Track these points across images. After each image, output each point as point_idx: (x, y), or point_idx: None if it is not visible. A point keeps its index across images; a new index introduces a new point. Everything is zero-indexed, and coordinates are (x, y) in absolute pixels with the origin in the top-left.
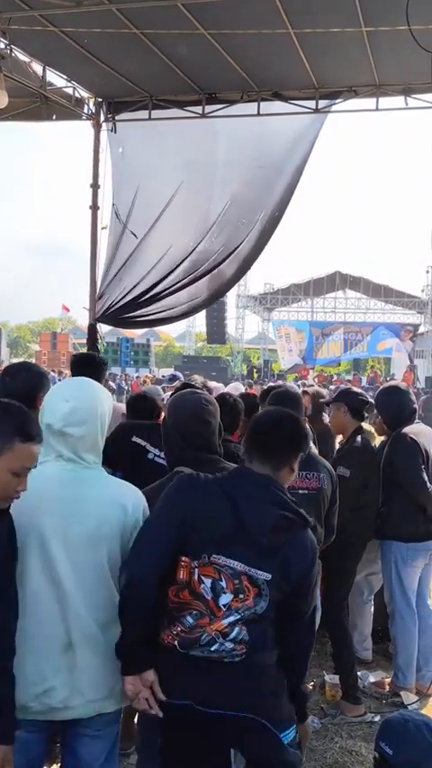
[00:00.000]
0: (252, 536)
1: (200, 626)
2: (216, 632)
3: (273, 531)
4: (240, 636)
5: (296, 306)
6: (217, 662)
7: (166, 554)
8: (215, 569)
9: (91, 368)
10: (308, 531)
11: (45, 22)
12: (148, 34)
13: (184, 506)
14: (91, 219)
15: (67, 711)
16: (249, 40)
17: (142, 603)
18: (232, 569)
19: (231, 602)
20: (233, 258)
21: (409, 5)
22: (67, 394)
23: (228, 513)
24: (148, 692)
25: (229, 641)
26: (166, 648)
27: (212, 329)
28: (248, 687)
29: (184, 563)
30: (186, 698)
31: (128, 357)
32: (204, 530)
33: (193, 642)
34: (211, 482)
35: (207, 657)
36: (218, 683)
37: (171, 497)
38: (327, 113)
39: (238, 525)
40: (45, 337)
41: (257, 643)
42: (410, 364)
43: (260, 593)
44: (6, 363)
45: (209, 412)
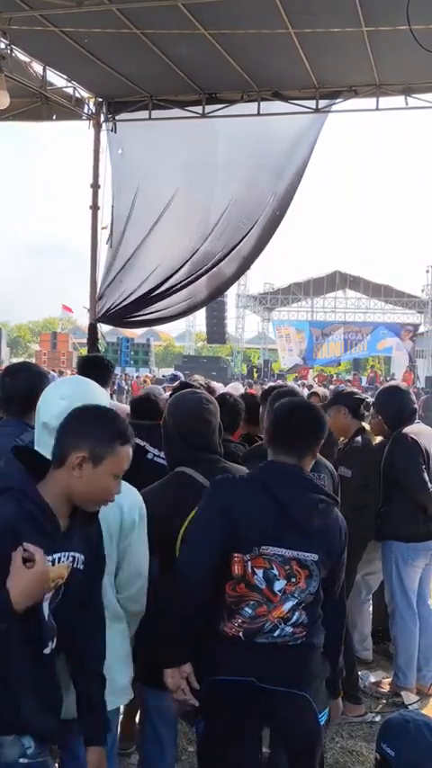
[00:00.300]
0: (295, 522)
1: (259, 615)
2: (278, 619)
3: (313, 514)
4: (300, 620)
5: (296, 305)
6: (280, 645)
7: (216, 555)
8: (265, 559)
9: (98, 369)
10: (337, 509)
11: (45, 22)
12: (149, 34)
13: (227, 507)
14: (91, 219)
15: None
16: (249, 40)
17: (194, 603)
18: (281, 556)
19: (285, 587)
20: (233, 257)
21: (409, 5)
22: (63, 392)
23: (269, 505)
24: (185, 683)
25: (290, 626)
26: (230, 638)
27: (212, 329)
28: (304, 668)
29: (237, 558)
30: (248, 675)
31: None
32: (250, 525)
33: (257, 631)
34: (245, 480)
35: (272, 643)
36: (279, 664)
37: (212, 502)
38: (327, 113)
39: (280, 515)
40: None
41: (314, 626)
42: (410, 364)
43: (310, 573)
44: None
45: (209, 411)
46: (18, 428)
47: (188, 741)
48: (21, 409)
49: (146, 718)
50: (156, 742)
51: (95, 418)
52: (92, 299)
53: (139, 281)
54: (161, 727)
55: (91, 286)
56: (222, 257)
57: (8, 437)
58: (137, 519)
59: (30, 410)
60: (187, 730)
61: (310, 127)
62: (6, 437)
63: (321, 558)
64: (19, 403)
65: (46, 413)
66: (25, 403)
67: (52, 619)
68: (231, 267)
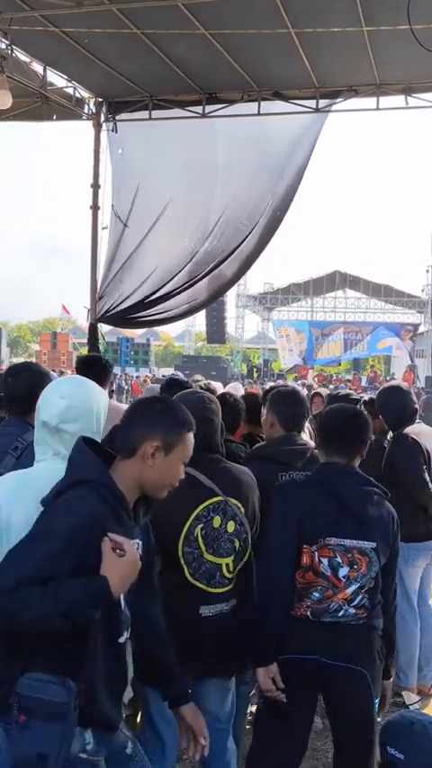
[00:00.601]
0: (354, 515)
1: (326, 598)
2: (343, 600)
3: (368, 506)
4: (362, 602)
5: (296, 305)
6: (344, 624)
7: (292, 552)
8: (329, 549)
9: (96, 369)
10: (388, 501)
11: (46, 23)
12: (149, 34)
13: (294, 508)
14: (91, 219)
15: None
16: (250, 40)
17: (286, 600)
18: (344, 546)
19: (349, 573)
20: (234, 258)
21: (410, 5)
22: (63, 391)
23: (329, 501)
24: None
25: (353, 607)
26: (298, 618)
27: (212, 329)
28: (365, 647)
29: (306, 550)
30: (314, 653)
31: (128, 357)
32: (314, 520)
33: (324, 611)
34: (307, 481)
35: (336, 622)
36: (341, 641)
37: (280, 505)
38: (327, 113)
39: (340, 509)
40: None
41: (374, 610)
42: (411, 364)
43: (370, 560)
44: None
45: (211, 411)
46: (20, 428)
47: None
48: (23, 409)
49: (146, 719)
50: (157, 742)
51: (164, 409)
52: (92, 299)
53: (139, 282)
54: (163, 728)
55: (91, 286)
56: (223, 259)
57: (10, 437)
58: None
59: (32, 410)
60: None
61: (311, 127)
62: (8, 437)
63: (379, 545)
64: (21, 403)
65: (46, 412)
66: (27, 403)
67: (127, 608)
68: (232, 268)
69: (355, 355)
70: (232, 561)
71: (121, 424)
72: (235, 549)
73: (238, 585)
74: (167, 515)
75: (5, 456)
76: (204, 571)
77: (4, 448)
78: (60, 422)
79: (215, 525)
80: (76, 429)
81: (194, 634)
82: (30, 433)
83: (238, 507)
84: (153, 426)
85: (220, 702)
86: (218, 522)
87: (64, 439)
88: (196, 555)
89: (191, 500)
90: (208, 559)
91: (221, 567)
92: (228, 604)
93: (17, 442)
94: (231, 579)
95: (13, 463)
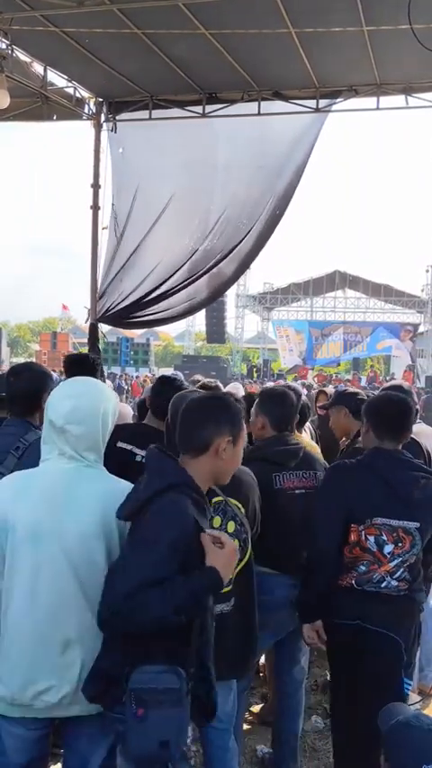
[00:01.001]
0: (399, 497)
1: (371, 570)
2: (385, 572)
3: (414, 488)
4: (404, 575)
5: (296, 305)
6: (385, 594)
7: (340, 528)
8: (376, 528)
9: (84, 368)
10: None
11: (46, 23)
12: (149, 34)
13: (342, 490)
14: (92, 219)
15: (69, 708)
16: (250, 40)
17: (329, 569)
18: (389, 525)
19: (393, 550)
20: (233, 257)
21: (410, 4)
22: (71, 391)
23: (377, 484)
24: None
25: (395, 580)
26: (344, 588)
27: (212, 329)
28: (404, 617)
29: (354, 528)
30: (356, 619)
31: (127, 357)
32: (362, 501)
33: (368, 580)
34: (356, 465)
35: (377, 591)
36: (382, 609)
37: (330, 487)
38: (327, 113)
39: (387, 491)
40: (45, 337)
41: (415, 583)
42: (410, 363)
43: (414, 538)
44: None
45: None
46: (22, 428)
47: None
48: (24, 409)
49: None
50: None
51: (225, 406)
52: (92, 299)
53: (139, 281)
54: None
55: (91, 286)
56: (222, 257)
57: (12, 437)
58: None
59: (33, 410)
60: None
61: (310, 126)
62: (10, 437)
63: (422, 525)
64: (22, 403)
65: (53, 411)
66: (28, 403)
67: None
68: (231, 267)
69: (354, 355)
70: None
71: (183, 426)
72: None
73: (239, 586)
74: None
75: (7, 456)
76: None
77: (6, 448)
78: (66, 422)
79: (215, 525)
80: (80, 431)
81: None
82: (31, 433)
83: (239, 507)
84: (221, 424)
85: (222, 702)
86: (218, 522)
87: (68, 439)
88: None
89: None
90: None
91: None
92: (228, 604)
93: (19, 442)
94: (232, 579)
95: (15, 463)
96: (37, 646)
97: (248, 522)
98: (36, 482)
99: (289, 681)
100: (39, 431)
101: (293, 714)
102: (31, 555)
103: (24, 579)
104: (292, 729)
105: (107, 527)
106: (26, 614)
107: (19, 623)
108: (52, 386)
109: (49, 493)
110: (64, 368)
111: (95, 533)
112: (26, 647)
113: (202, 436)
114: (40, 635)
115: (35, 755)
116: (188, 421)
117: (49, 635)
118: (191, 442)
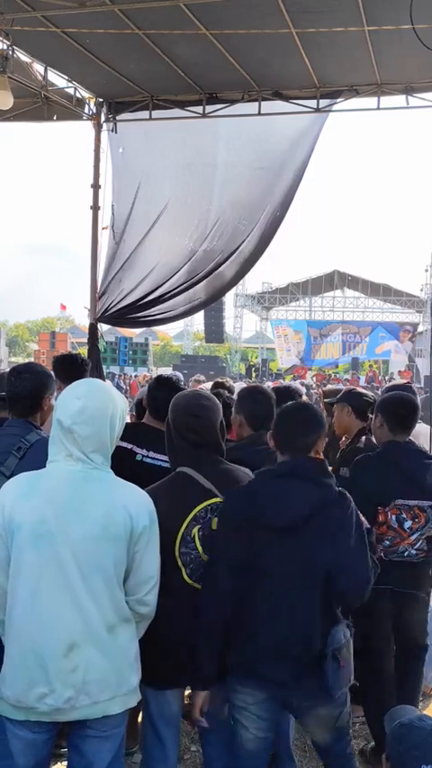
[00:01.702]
0: (415, 481)
1: (395, 544)
2: (407, 544)
3: (426, 473)
4: (422, 545)
5: (294, 305)
6: (408, 562)
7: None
8: (397, 508)
9: (73, 368)
10: None
11: (47, 23)
12: (150, 34)
13: (367, 481)
14: (92, 220)
15: (73, 712)
16: (251, 40)
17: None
18: (407, 505)
19: (412, 525)
20: (233, 259)
21: (412, 4)
22: (80, 392)
23: (396, 472)
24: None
25: (415, 550)
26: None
27: (210, 328)
28: (424, 578)
29: (381, 510)
30: (388, 584)
31: (126, 356)
32: (385, 488)
33: (393, 551)
34: (377, 456)
35: (402, 560)
36: (407, 574)
37: (357, 474)
38: (328, 113)
39: (405, 478)
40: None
41: (431, 550)
42: (409, 363)
43: (428, 516)
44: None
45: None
46: (23, 428)
47: (191, 740)
48: (25, 410)
49: (146, 719)
50: (157, 742)
51: (315, 413)
52: (92, 299)
53: (138, 280)
54: (162, 727)
55: (91, 286)
56: (223, 259)
57: (13, 437)
58: (147, 523)
59: (34, 411)
60: (189, 729)
61: (311, 127)
62: (11, 437)
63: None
64: (24, 403)
65: (62, 411)
66: (30, 403)
67: None
68: (232, 270)
69: (353, 357)
70: None
71: (295, 433)
72: None
73: None
74: (165, 516)
75: (8, 456)
76: (202, 573)
77: (7, 448)
78: (73, 422)
79: (213, 527)
80: (87, 432)
81: (192, 635)
82: (33, 433)
83: None
84: (318, 430)
85: None
86: (216, 523)
87: (76, 440)
88: (194, 556)
89: (188, 501)
90: (206, 561)
91: None
92: None
93: (20, 442)
94: None
95: (15, 464)
96: (40, 648)
97: None
98: (43, 483)
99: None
100: (40, 431)
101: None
102: (36, 556)
103: (29, 580)
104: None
105: (113, 530)
106: (30, 616)
107: (23, 625)
108: (54, 387)
109: (56, 495)
110: (53, 368)
111: (101, 536)
112: (29, 650)
113: (310, 441)
114: (43, 637)
115: (41, 758)
116: (298, 428)
117: (52, 637)
118: (308, 447)
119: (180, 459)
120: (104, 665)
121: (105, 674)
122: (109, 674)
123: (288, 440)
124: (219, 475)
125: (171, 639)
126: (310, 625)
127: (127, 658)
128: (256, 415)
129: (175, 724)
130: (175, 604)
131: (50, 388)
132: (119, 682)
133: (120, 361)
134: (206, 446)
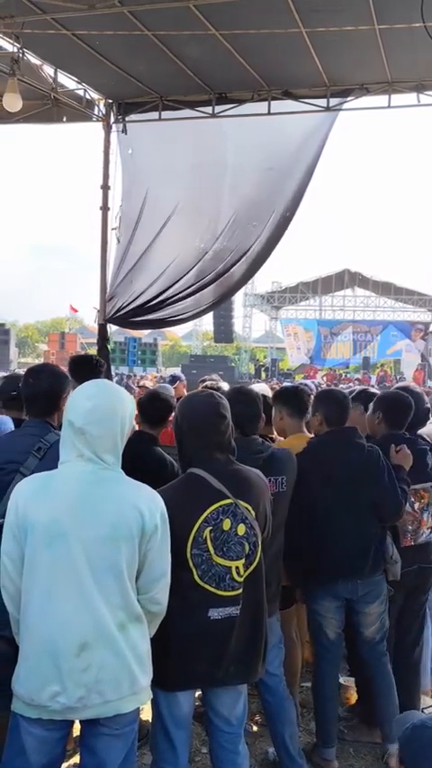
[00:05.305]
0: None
1: (415, 529)
2: (426, 528)
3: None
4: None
5: (304, 304)
6: (429, 543)
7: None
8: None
9: (88, 369)
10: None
11: (57, 26)
12: (160, 35)
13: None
14: (101, 221)
15: (85, 711)
16: (260, 40)
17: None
18: (414, 489)
19: (418, 506)
20: (244, 260)
21: (423, 2)
22: (90, 392)
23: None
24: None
25: (428, 529)
26: (406, 547)
27: (219, 328)
28: None
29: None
30: (415, 564)
31: (135, 357)
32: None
33: (418, 537)
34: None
35: (425, 542)
36: (428, 553)
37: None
38: (338, 112)
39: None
40: (54, 337)
41: None
42: (421, 362)
43: (431, 495)
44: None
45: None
46: (42, 429)
47: (201, 742)
48: (43, 410)
49: (157, 720)
50: (167, 744)
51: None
52: (102, 300)
53: (149, 282)
54: (173, 729)
55: (101, 287)
56: (233, 260)
57: (32, 437)
58: (159, 523)
59: (52, 411)
60: (200, 731)
61: (320, 126)
62: (30, 437)
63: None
64: (42, 404)
65: (73, 412)
66: (48, 404)
67: None
68: (241, 269)
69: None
70: (242, 564)
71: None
72: (245, 552)
73: (248, 589)
74: (176, 518)
75: (28, 456)
76: (214, 574)
77: (27, 449)
78: (85, 423)
79: (225, 528)
80: (99, 432)
81: (202, 636)
82: (51, 434)
83: (249, 510)
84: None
85: (232, 706)
86: (228, 524)
87: (87, 440)
88: (205, 557)
89: (200, 502)
90: (217, 562)
91: (231, 569)
92: (237, 608)
93: (40, 442)
94: (241, 583)
95: (36, 464)
96: (53, 647)
97: (259, 525)
98: (55, 484)
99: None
100: (58, 432)
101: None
102: (49, 556)
103: (42, 580)
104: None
105: (125, 529)
106: (44, 615)
107: (36, 624)
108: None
109: (68, 495)
110: (69, 369)
111: (113, 536)
112: (42, 648)
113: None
114: (56, 636)
115: (54, 756)
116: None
117: (65, 637)
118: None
119: (191, 460)
120: (116, 664)
121: (117, 673)
122: (121, 672)
123: (338, 416)
124: (230, 476)
125: (182, 641)
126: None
127: (138, 657)
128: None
129: (186, 726)
130: (185, 606)
131: (67, 388)
132: (131, 680)
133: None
134: (217, 446)
